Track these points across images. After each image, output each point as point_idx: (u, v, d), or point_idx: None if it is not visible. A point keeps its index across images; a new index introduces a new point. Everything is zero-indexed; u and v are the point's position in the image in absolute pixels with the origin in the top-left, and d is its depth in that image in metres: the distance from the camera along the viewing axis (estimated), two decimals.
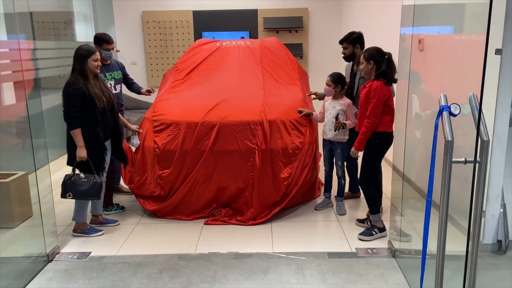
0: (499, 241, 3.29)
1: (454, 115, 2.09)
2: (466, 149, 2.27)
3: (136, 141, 4.16)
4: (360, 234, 3.71)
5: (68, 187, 3.52)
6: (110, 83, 4.36)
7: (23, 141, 4.46)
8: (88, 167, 3.57)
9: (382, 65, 3.47)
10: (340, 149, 4.15)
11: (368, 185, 3.66)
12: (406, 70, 3.31)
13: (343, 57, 4.29)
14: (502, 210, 3.27)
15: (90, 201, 3.82)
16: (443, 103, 2.13)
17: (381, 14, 6.24)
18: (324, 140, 4.26)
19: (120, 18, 8.82)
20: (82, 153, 3.51)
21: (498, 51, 3.02)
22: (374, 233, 3.68)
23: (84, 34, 7.77)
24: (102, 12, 8.51)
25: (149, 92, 4.71)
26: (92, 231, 3.82)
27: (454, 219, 3.02)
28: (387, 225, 3.72)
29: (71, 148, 3.59)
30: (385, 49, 4.34)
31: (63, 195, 3.54)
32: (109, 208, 4.29)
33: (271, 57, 5.16)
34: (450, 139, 2.02)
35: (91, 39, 7.75)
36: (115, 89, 4.43)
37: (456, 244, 2.47)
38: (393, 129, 3.61)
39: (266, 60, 5.08)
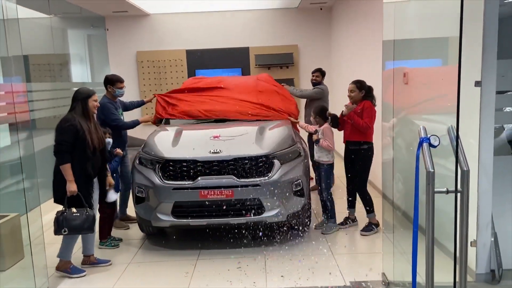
0: (492, 271, 3.27)
1: (434, 146, 2.14)
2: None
3: (112, 196, 4.09)
4: (362, 230, 4.48)
5: (62, 223, 3.49)
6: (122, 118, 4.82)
7: (16, 182, 4.48)
8: (79, 201, 3.58)
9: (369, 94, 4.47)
10: (323, 172, 4.49)
11: (366, 189, 4.51)
12: (390, 102, 3.41)
13: (314, 83, 6.01)
14: (493, 239, 3.27)
15: (79, 240, 3.83)
16: (422, 135, 2.19)
17: (365, 49, 6.44)
18: (316, 165, 4.63)
19: (115, 58, 9.03)
20: (72, 187, 3.53)
21: (477, 83, 3.12)
22: (372, 228, 4.45)
23: (79, 75, 7.94)
24: (97, 53, 8.73)
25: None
26: (75, 271, 3.77)
27: (448, 248, 3.02)
28: (379, 256, 3.71)
29: (58, 184, 3.60)
30: (370, 82, 4.59)
31: (58, 232, 3.51)
32: (102, 242, 4.34)
33: (265, 89, 5.46)
34: (431, 170, 2.07)
35: (87, 80, 7.92)
36: None
37: (450, 274, 2.46)
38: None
39: (260, 93, 5.35)
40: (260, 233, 4.31)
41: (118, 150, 4.38)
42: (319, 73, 5.98)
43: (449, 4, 2.52)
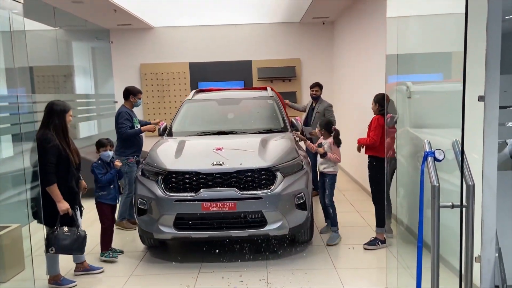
0: (497, 287, 3.23)
1: (439, 161, 2.14)
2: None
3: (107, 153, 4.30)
4: (365, 244, 4.43)
5: (51, 242, 3.48)
6: (137, 126, 5.23)
7: (18, 193, 4.47)
8: (71, 220, 3.58)
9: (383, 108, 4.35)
10: (329, 179, 4.62)
11: (382, 202, 4.30)
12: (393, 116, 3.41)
13: (313, 97, 6.27)
14: (497, 254, 3.24)
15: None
16: (427, 149, 2.19)
17: (368, 62, 6.47)
18: (320, 174, 4.70)
19: (119, 70, 9.09)
20: (64, 206, 3.52)
21: (481, 98, 3.12)
22: (376, 243, 4.37)
23: (83, 86, 7.99)
24: (101, 65, 8.79)
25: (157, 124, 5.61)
26: (66, 282, 3.79)
27: (451, 263, 3.00)
28: (383, 271, 3.67)
29: (45, 206, 3.51)
30: (372, 96, 4.61)
31: (46, 250, 3.52)
32: (102, 253, 4.31)
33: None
34: (436, 184, 2.06)
35: (90, 91, 7.96)
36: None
37: None
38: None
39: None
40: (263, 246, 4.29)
41: (117, 162, 4.39)
42: (318, 88, 6.25)
43: (452, 20, 2.54)
